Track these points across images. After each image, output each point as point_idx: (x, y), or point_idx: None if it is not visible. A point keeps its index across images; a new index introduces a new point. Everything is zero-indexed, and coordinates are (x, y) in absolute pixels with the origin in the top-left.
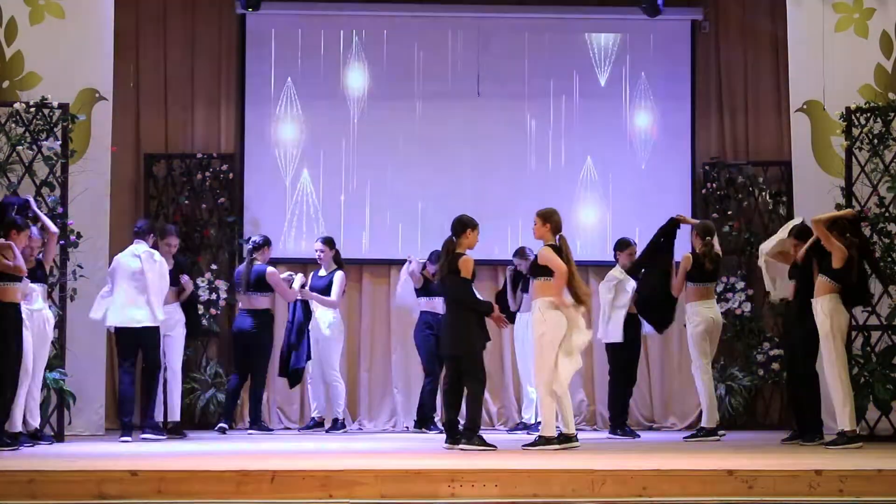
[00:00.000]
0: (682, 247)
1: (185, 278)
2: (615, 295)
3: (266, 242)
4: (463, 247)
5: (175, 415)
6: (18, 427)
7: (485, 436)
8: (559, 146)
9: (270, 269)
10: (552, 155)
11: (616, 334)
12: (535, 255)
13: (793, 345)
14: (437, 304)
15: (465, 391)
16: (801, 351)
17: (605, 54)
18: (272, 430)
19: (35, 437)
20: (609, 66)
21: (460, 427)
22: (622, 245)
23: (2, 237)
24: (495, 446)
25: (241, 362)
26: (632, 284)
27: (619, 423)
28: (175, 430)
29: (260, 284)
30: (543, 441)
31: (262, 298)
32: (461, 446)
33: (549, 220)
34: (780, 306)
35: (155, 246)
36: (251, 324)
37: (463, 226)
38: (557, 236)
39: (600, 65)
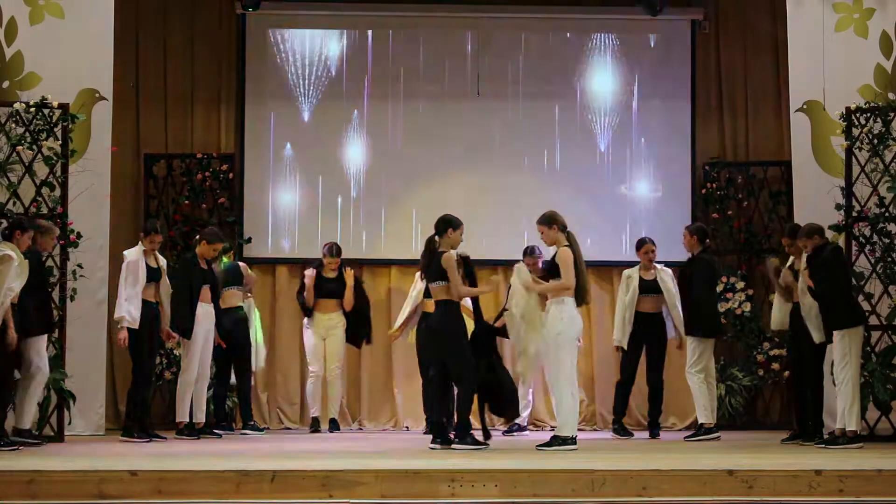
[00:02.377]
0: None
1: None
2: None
3: (232, 246)
4: (445, 246)
5: (199, 416)
6: (27, 425)
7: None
8: (559, 145)
9: (242, 263)
10: (552, 154)
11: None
12: (553, 256)
13: (800, 345)
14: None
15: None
16: (810, 351)
17: (606, 54)
18: (262, 429)
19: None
20: (609, 65)
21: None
22: (641, 243)
23: (7, 238)
24: (487, 444)
25: (222, 361)
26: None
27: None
28: (202, 431)
29: (237, 279)
30: (559, 441)
31: (238, 293)
32: (454, 446)
33: (555, 221)
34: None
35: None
36: (233, 321)
37: (445, 224)
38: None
39: (600, 64)
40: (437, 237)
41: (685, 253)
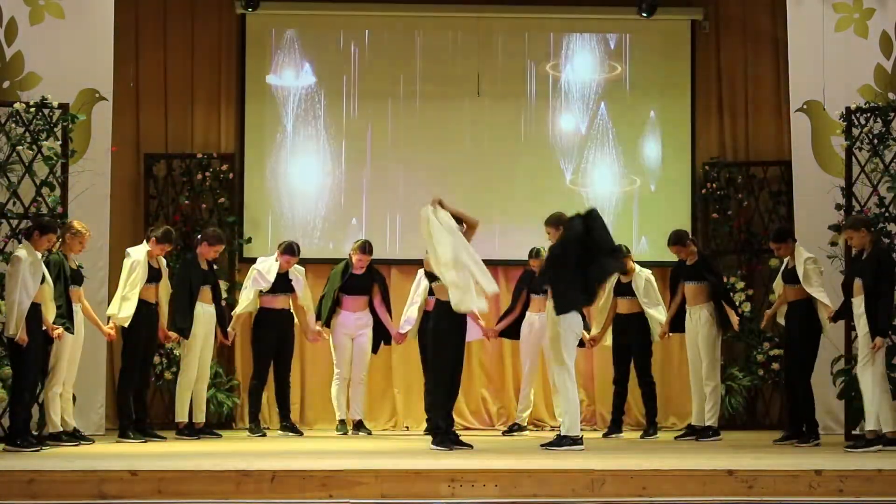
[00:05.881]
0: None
1: None
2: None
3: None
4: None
5: (199, 416)
6: (58, 427)
7: (483, 435)
8: (559, 146)
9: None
10: (552, 154)
11: None
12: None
13: (791, 345)
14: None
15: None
16: (801, 351)
17: (606, 54)
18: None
19: (74, 436)
20: (609, 65)
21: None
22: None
23: (27, 238)
24: (471, 445)
25: (267, 361)
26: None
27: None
28: (202, 431)
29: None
30: (570, 441)
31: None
32: (430, 447)
33: (562, 223)
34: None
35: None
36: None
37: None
38: None
39: (601, 65)
40: None
41: None
